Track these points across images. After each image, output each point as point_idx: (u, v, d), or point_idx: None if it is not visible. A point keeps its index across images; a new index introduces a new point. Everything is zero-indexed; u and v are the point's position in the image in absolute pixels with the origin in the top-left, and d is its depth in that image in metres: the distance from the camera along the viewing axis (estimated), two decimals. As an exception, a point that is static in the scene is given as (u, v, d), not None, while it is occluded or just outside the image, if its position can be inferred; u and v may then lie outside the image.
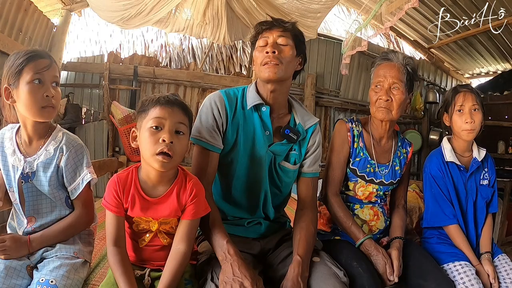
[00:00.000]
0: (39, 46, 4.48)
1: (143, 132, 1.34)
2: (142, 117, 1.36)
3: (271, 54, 1.56)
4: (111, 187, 1.39)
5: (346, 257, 1.65)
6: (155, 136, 1.32)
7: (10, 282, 1.34)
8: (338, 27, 6.58)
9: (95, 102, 5.22)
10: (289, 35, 1.62)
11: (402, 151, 1.96)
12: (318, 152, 1.74)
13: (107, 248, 1.38)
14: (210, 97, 1.64)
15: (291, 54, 1.61)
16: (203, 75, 5.44)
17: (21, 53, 1.46)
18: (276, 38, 1.60)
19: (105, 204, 1.39)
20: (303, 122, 1.70)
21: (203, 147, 1.57)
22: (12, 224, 1.59)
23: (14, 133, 1.55)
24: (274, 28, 1.62)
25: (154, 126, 1.32)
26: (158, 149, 1.30)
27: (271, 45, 1.58)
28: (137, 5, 4.07)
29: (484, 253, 1.86)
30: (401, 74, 1.78)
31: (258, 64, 1.61)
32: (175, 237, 1.40)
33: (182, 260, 1.35)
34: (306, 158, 1.72)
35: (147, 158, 1.33)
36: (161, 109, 1.34)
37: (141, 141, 1.35)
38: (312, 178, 1.74)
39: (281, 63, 1.57)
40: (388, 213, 1.97)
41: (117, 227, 1.38)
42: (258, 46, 1.63)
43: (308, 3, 4.01)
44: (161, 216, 1.40)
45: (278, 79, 1.59)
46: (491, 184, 2.00)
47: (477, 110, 1.89)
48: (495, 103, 6.13)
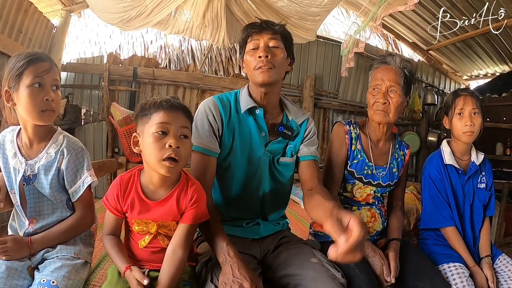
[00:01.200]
0: (39, 47, 4.49)
1: (146, 137, 1.33)
2: (144, 122, 1.35)
3: (264, 59, 1.57)
4: (113, 189, 1.41)
5: (344, 258, 1.66)
6: (160, 142, 1.31)
7: (11, 283, 1.35)
8: (337, 29, 6.58)
9: (94, 103, 5.23)
10: (279, 37, 1.63)
11: (399, 153, 1.98)
12: (314, 138, 1.76)
13: (102, 237, 1.46)
14: (204, 103, 1.66)
15: (282, 57, 1.62)
16: (202, 77, 5.45)
17: (22, 55, 1.45)
18: (267, 41, 1.60)
19: (105, 203, 1.43)
20: (296, 118, 1.73)
21: (201, 153, 1.58)
22: (13, 225, 1.60)
23: (15, 136, 1.56)
24: (264, 31, 1.62)
25: (160, 131, 1.31)
26: (165, 154, 1.30)
27: (263, 49, 1.58)
28: (137, 7, 4.07)
29: (484, 257, 1.88)
30: (398, 77, 1.80)
31: (251, 69, 1.61)
32: (172, 240, 1.40)
33: (179, 264, 1.36)
34: (302, 144, 1.74)
35: (153, 164, 1.33)
36: (165, 114, 1.32)
37: (145, 147, 1.34)
38: (314, 161, 1.73)
39: (274, 67, 1.58)
40: (385, 214, 1.98)
41: (115, 223, 1.46)
42: (249, 49, 1.64)
43: (307, 6, 4.02)
44: (159, 218, 1.41)
45: (272, 83, 1.60)
46: (488, 188, 2.03)
47: (477, 114, 1.92)
48: (494, 105, 6.15)
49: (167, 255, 1.37)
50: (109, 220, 1.46)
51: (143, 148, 1.35)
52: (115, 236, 1.46)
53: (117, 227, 1.47)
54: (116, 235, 1.47)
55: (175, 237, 1.40)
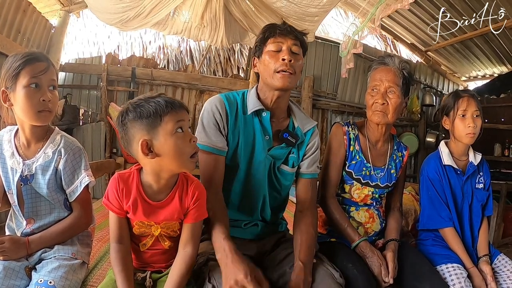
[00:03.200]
0: (37, 47, 4.50)
1: (168, 139, 1.28)
2: (155, 125, 1.28)
3: (288, 63, 1.54)
4: (112, 187, 1.37)
5: (342, 259, 1.65)
6: (185, 139, 1.30)
7: (8, 283, 1.35)
8: (336, 30, 6.61)
9: (92, 103, 5.23)
10: (299, 44, 1.62)
11: (398, 155, 1.98)
12: (316, 154, 1.74)
13: (110, 245, 1.38)
14: (210, 101, 1.62)
15: (301, 64, 1.61)
16: (201, 77, 5.46)
17: (19, 56, 1.45)
18: (291, 46, 1.58)
19: (106, 204, 1.38)
20: (302, 126, 1.70)
21: (209, 152, 1.55)
22: (10, 225, 1.60)
23: (13, 136, 1.55)
24: (289, 35, 1.59)
25: (179, 128, 1.30)
26: (193, 151, 1.32)
27: (288, 53, 1.55)
28: (136, 8, 4.08)
29: (482, 256, 1.88)
30: (397, 78, 1.80)
31: (271, 70, 1.57)
32: (181, 240, 1.40)
33: (190, 262, 1.36)
34: (304, 159, 1.73)
35: (183, 162, 1.31)
36: (176, 113, 1.30)
37: (171, 149, 1.28)
38: (311, 179, 1.73)
39: (294, 73, 1.56)
40: (383, 215, 1.98)
41: (120, 226, 1.38)
42: (270, 50, 1.59)
43: (306, 6, 4.03)
44: (163, 220, 1.39)
45: (289, 89, 1.59)
46: (486, 188, 2.03)
47: (478, 116, 1.92)
48: (492, 105, 6.16)
49: (178, 253, 1.38)
50: (113, 223, 1.39)
51: (166, 151, 1.29)
52: (123, 247, 1.37)
53: (124, 230, 1.39)
54: (124, 244, 1.38)
55: (182, 236, 1.40)
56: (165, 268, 1.46)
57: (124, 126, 1.30)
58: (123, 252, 1.36)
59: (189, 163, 1.32)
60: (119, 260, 1.34)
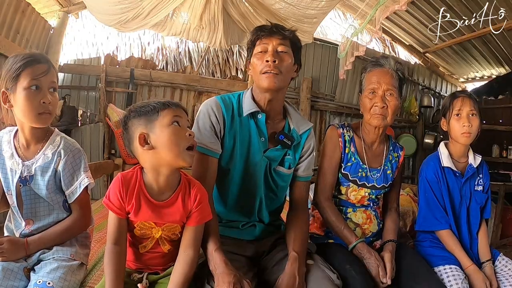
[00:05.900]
0: (36, 48, 4.49)
1: (164, 130, 1.33)
2: (152, 119, 1.34)
3: (272, 63, 1.55)
4: (115, 187, 1.36)
5: (339, 260, 1.66)
6: (181, 132, 1.34)
7: (7, 284, 1.35)
8: (334, 31, 6.61)
9: (91, 104, 5.23)
10: (288, 42, 1.61)
11: (393, 155, 1.98)
12: (312, 156, 1.76)
13: (106, 245, 1.37)
14: (206, 103, 1.64)
15: (290, 63, 1.61)
16: (199, 79, 5.45)
17: (19, 57, 1.44)
18: (276, 46, 1.58)
19: (107, 204, 1.37)
20: (298, 128, 1.71)
21: (202, 153, 1.56)
22: (9, 226, 1.60)
23: (12, 137, 1.56)
24: (274, 35, 1.60)
25: (175, 122, 1.34)
26: (188, 143, 1.34)
27: (271, 54, 1.56)
28: (135, 9, 4.09)
29: (485, 262, 1.88)
30: (394, 80, 1.81)
31: (257, 72, 1.59)
32: (182, 243, 1.40)
33: (192, 265, 1.37)
34: (301, 162, 1.74)
35: (179, 154, 1.33)
36: (173, 109, 1.36)
37: (166, 140, 1.32)
38: (305, 182, 1.77)
39: (280, 73, 1.56)
40: (381, 216, 1.99)
41: (118, 227, 1.37)
42: (257, 52, 1.61)
43: (304, 8, 4.03)
44: (166, 221, 1.39)
45: (277, 89, 1.59)
46: (485, 190, 2.03)
47: (474, 115, 1.92)
48: (490, 107, 6.18)
49: (179, 256, 1.38)
50: (112, 224, 1.37)
51: (163, 143, 1.33)
52: (119, 249, 1.36)
53: (122, 232, 1.38)
54: (120, 245, 1.36)
55: (184, 239, 1.40)
56: (162, 270, 1.46)
57: (126, 126, 1.37)
58: (117, 253, 1.35)
59: (185, 154, 1.33)
60: (112, 261, 1.33)
